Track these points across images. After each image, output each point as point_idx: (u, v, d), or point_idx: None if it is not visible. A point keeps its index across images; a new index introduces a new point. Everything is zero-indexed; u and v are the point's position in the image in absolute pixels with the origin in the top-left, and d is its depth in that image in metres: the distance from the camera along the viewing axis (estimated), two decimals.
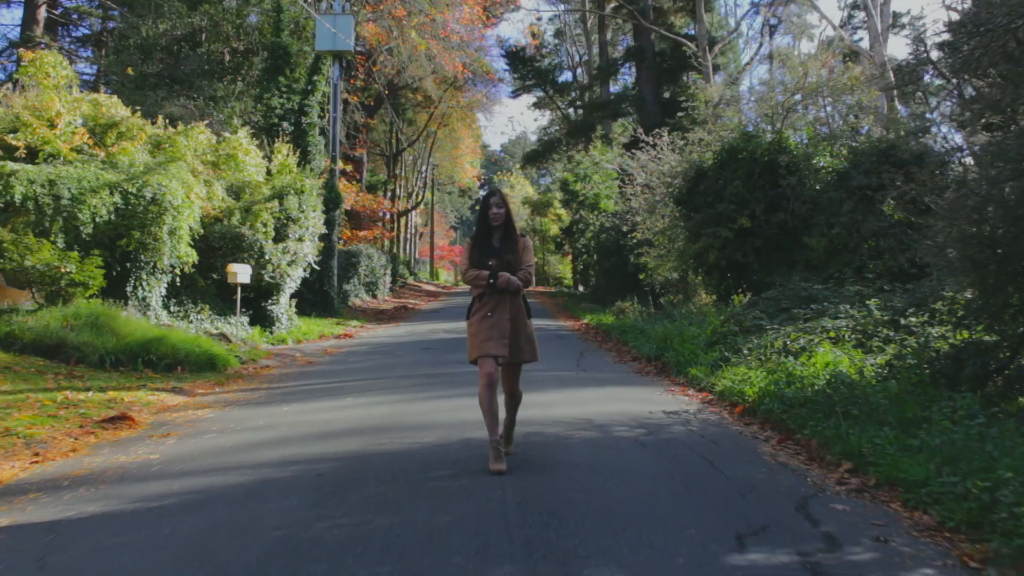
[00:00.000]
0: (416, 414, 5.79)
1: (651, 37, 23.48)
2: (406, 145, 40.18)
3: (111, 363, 7.77)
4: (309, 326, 14.18)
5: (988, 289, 5.72)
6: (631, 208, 16.65)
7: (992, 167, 5.40)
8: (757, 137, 12.58)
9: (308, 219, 13.87)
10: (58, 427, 5.25)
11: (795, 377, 5.95)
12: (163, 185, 10.26)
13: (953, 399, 4.90)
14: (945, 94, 9.14)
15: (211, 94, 20.46)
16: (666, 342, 9.19)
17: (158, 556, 2.90)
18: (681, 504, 3.56)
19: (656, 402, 6.40)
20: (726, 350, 7.67)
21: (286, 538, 3.06)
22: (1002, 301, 5.66)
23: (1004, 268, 5.46)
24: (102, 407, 5.94)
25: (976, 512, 3.24)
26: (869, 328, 6.78)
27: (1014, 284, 5.54)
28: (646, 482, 3.92)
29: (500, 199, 4.36)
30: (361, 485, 3.81)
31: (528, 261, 4.31)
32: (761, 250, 12.21)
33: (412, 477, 3.96)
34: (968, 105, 6.78)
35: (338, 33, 17.57)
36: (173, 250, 10.51)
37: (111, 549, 2.99)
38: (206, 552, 2.91)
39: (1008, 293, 5.61)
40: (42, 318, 8.25)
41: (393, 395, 6.77)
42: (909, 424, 4.50)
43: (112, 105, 12.14)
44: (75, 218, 9.39)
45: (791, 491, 3.83)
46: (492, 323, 4.14)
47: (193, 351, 8.25)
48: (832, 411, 4.90)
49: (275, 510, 3.42)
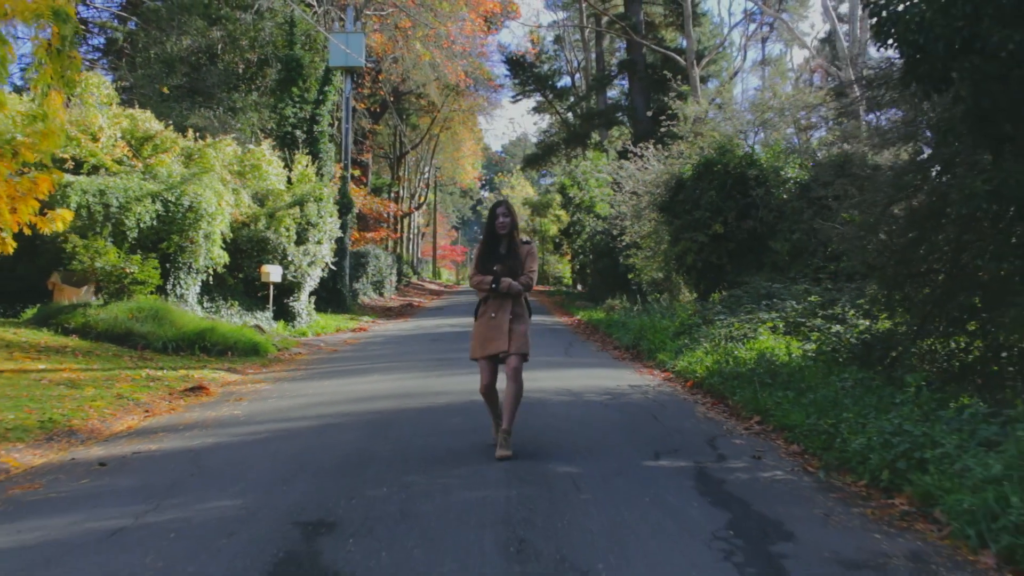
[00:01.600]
0: (431, 386, 7.28)
1: (642, 51, 24.94)
2: (409, 148, 41.71)
3: (172, 349, 9.26)
4: (326, 321, 15.66)
5: (887, 287, 7.19)
6: (621, 213, 18.11)
7: (885, 191, 6.88)
8: (730, 152, 14.01)
9: (325, 224, 15.35)
10: (152, 394, 6.73)
11: (734, 358, 7.43)
12: (198, 194, 11.71)
13: (850, 373, 6.36)
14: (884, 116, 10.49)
15: (230, 105, 21.92)
16: (642, 333, 10.67)
17: (273, 461, 4.38)
18: (624, 439, 5.05)
19: (625, 379, 7.88)
20: (688, 339, 9.16)
21: (353, 452, 4.55)
22: (897, 297, 7.13)
23: (898, 271, 6.91)
24: (179, 381, 7.43)
25: (824, 440, 4.71)
26: (798, 319, 8.25)
27: (908, 284, 7.00)
28: (602, 427, 5.40)
29: (506, 209, 4.73)
30: (398, 426, 5.31)
31: (531, 267, 4.65)
32: (733, 253, 13.64)
33: (433, 421, 5.45)
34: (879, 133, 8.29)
35: (350, 52, 19.02)
36: (207, 252, 11.96)
37: (239, 459, 4.49)
38: (304, 459, 4.40)
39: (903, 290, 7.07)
40: (110, 311, 9.72)
41: (411, 373, 8.26)
42: (805, 390, 5.97)
43: (146, 119, 13.59)
44: (122, 224, 10.84)
45: (707, 433, 5.31)
46: (494, 325, 4.53)
47: (240, 339, 9.73)
48: (753, 381, 6.38)
49: (341, 439, 4.92)
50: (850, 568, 2.88)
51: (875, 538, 3.23)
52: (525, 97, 42.94)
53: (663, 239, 15.44)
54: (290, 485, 3.86)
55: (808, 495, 3.88)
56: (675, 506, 3.56)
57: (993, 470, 3.40)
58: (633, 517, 3.37)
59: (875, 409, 4.82)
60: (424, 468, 4.21)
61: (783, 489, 3.98)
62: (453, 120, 40.70)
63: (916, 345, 6.89)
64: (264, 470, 4.20)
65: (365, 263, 24.25)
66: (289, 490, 3.77)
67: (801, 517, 3.48)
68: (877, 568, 2.89)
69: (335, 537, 3.06)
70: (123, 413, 5.98)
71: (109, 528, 3.25)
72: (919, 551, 3.09)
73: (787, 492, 3.92)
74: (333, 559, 2.81)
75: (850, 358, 7.22)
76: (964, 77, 4.55)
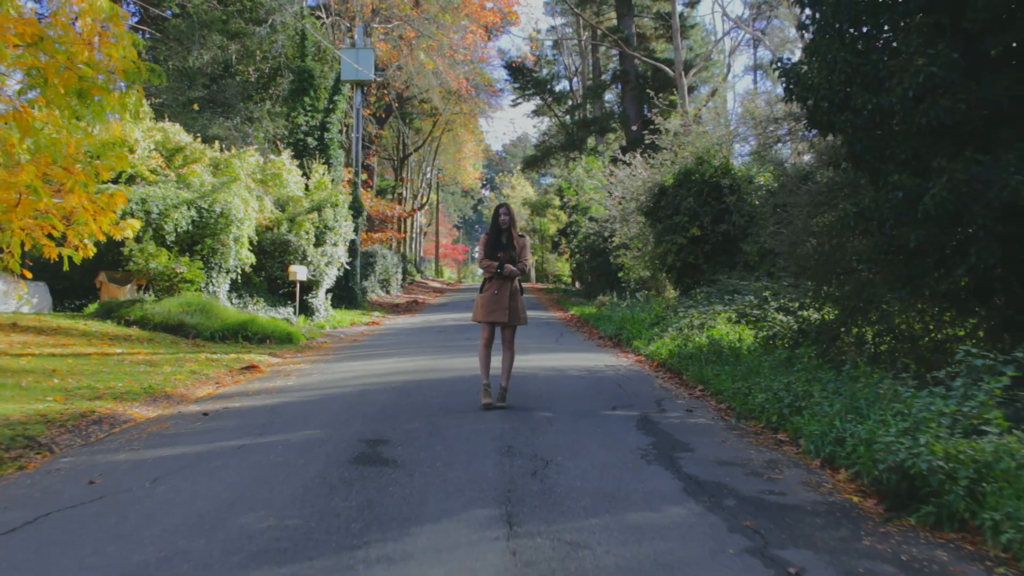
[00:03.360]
0: (442, 364, 8.86)
1: (634, 62, 26.48)
2: (412, 150, 43.32)
3: (219, 337, 10.84)
4: (341, 316, 17.24)
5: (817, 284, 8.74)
6: (611, 216, 19.68)
7: (806, 208, 8.45)
8: (707, 162, 15.57)
9: (341, 227, 16.94)
10: (217, 371, 8.31)
11: (691, 343, 9.00)
12: (228, 201, 13.26)
13: (781, 354, 7.91)
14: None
15: (247, 115, 23.49)
16: (623, 324, 12.25)
17: (330, 412, 5.96)
18: (592, 398, 6.62)
19: (603, 361, 9.45)
20: (659, 328, 10.73)
21: (388, 405, 6.13)
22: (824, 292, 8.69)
23: (823, 271, 8.46)
24: (234, 362, 9.00)
25: (741, 398, 6.28)
26: (751, 311, 9.82)
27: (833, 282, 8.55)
28: (576, 391, 6.99)
29: (507, 210, 6.27)
30: (418, 390, 6.89)
31: (526, 256, 6.13)
32: (709, 254, 15.20)
33: (445, 388, 7.03)
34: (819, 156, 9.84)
35: (360, 68, 20.58)
36: (236, 253, 13.51)
37: (304, 411, 6.07)
38: (353, 410, 5.98)
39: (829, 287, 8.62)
40: (164, 306, 11.29)
41: (424, 356, 9.83)
42: (739, 365, 7.54)
43: (176, 132, 15.13)
44: (162, 228, 12.39)
45: (658, 396, 6.88)
46: (497, 299, 6.03)
47: (276, 330, 11.31)
48: (701, 360, 7.95)
49: (377, 399, 6.50)
50: (722, 464, 4.45)
51: (749, 452, 4.81)
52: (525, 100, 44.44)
53: (648, 241, 17.00)
54: (349, 424, 5.45)
55: (717, 432, 5.45)
56: (618, 434, 5.14)
57: (833, 408, 4.98)
58: (587, 438, 4.95)
59: (778, 375, 6.40)
60: (442, 413, 5.79)
61: (700, 428, 5.55)
62: (455, 123, 42.23)
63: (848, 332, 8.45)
64: (326, 416, 5.79)
65: (373, 262, 25.85)
66: (349, 426, 5.36)
67: (704, 442, 5.05)
68: (742, 465, 4.46)
69: (388, 446, 4.65)
70: (200, 384, 7.57)
71: (234, 445, 4.83)
72: (775, 459, 4.67)
73: (702, 430, 5.50)
74: (390, 455, 4.40)
75: (790, 343, 8.78)
76: (843, 127, 6.12)
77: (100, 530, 3.24)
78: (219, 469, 4.25)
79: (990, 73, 5.52)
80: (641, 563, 2.81)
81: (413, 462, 4.27)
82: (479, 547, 2.93)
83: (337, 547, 2.93)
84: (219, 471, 4.21)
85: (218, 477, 4.08)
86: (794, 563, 2.88)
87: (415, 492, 3.67)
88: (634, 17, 27.63)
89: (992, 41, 5.49)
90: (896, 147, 5.87)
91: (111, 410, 6.03)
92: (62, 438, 5.17)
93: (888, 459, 3.76)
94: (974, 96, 5.42)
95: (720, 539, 3.11)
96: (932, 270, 6.04)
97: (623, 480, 3.98)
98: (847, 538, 3.22)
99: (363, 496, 3.60)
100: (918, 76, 5.45)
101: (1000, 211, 5.27)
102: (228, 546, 2.96)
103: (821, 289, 8.69)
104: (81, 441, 5.16)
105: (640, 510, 3.46)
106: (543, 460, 4.31)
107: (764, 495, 3.83)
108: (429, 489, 3.73)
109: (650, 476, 4.09)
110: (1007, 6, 5.38)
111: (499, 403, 6.01)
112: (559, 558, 2.81)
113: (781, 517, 3.46)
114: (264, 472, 4.14)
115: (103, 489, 3.88)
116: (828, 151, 8.62)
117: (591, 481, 3.93)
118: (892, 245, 6.12)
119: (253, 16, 24.62)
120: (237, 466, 4.30)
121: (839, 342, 8.30)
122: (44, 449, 4.89)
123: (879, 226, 5.96)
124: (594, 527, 3.18)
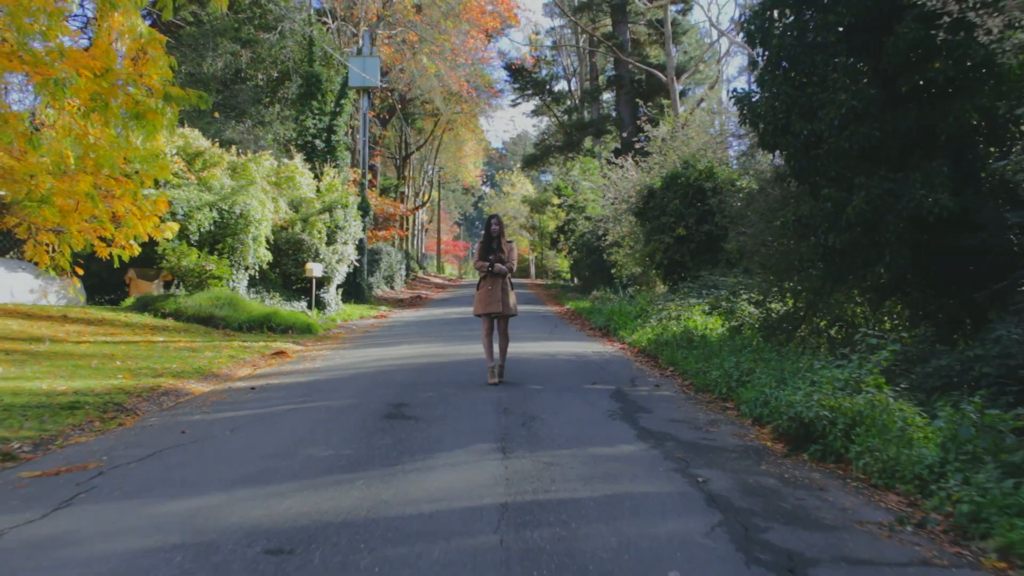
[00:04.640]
0: (448, 351, 10.06)
1: (628, 67, 27.63)
2: (414, 149, 44.51)
3: (246, 328, 12.04)
4: (351, 310, 18.44)
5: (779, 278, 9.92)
6: (604, 216, 20.87)
7: (765, 213, 9.63)
8: (692, 166, 16.76)
9: (351, 227, 18.13)
10: (252, 356, 9.51)
11: (667, 332, 10.20)
12: (247, 203, 14.42)
13: (746, 339, 9.11)
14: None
15: (259, 119, 24.66)
16: (611, 316, 13.45)
17: (359, 385, 7.17)
18: (576, 376, 7.82)
19: (591, 348, 10.65)
20: (643, 319, 11.93)
21: (406, 381, 7.34)
22: (785, 287, 9.87)
23: (782, 268, 9.64)
24: (264, 348, 10.21)
25: (701, 376, 7.47)
26: (722, 303, 11.02)
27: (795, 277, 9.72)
28: (564, 371, 8.19)
29: (497, 220, 7.60)
30: (430, 371, 8.10)
31: (512, 258, 7.51)
32: (694, 252, 16.38)
33: (452, 369, 8.23)
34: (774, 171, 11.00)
35: (367, 76, 21.74)
36: (254, 252, 14.69)
37: (336, 385, 7.27)
38: (377, 384, 7.18)
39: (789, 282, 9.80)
40: (195, 300, 12.49)
41: (432, 344, 11.04)
42: (705, 349, 8.74)
43: (196, 137, 16.27)
44: (186, 228, 13.56)
45: (633, 375, 8.08)
46: (490, 293, 7.41)
47: (297, 321, 12.52)
48: (673, 346, 9.15)
49: (395, 377, 7.71)
50: (673, 422, 5.65)
51: (697, 415, 6.01)
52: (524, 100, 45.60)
53: (639, 239, 18.20)
54: (374, 393, 6.65)
55: (676, 401, 6.66)
56: (594, 401, 6.34)
57: (765, 380, 6.18)
58: (568, 403, 6.16)
59: (733, 355, 7.60)
60: (451, 387, 7.00)
61: (663, 399, 6.76)
62: (456, 122, 43.36)
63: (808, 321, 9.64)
64: (355, 388, 7.00)
65: (379, 259, 27.05)
66: (375, 395, 6.56)
67: (663, 407, 6.26)
68: (688, 422, 5.67)
69: (409, 407, 5.86)
70: (239, 366, 8.77)
71: (284, 409, 6.04)
72: (716, 419, 5.87)
73: (664, 399, 6.70)
74: (411, 414, 5.62)
75: (756, 331, 9.97)
76: (785, 148, 7.31)
77: (207, 457, 4.45)
78: (280, 423, 5.46)
79: (901, 106, 6.70)
80: (595, 474, 4.01)
81: (430, 418, 5.48)
82: (481, 464, 4.14)
83: (382, 464, 4.14)
84: (280, 425, 5.42)
85: (281, 428, 5.29)
86: (704, 476, 4.08)
87: (433, 435, 4.89)
88: (628, 23, 28.79)
89: (903, 80, 6.67)
90: (827, 166, 7.07)
91: (173, 385, 7.24)
92: (141, 405, 6.38)
93: (790, 411, 4.96)
94: (889, 125, 6.62)
95: (655, 463, 4.32)
96: (859, 269, 7.24)
97: (591, 430, 5.19)
98: (750, 465, 4.43)
99: (395, 438, 4.82)
100: (842, 108, 6.65)
101: (909, 221, 6.47)
102: (305, 464, 4.17)
103: (782, 284, 9.90)
104: (157, 408, 6.37)
105: (601, 446, 4.67)
106: (531, 416, 5.52)
107: (698, 440, 5.03)
108: (444, 433, 4.94)
109: (613, 428, 5.30)
110: (915, 50, 6.57)
111: (498, 379, 7.22)
112: (537, 470, 4.03)
113: (706, 453, 4.66)
114: (316, 424, 5.35)
115: (194, 436, 5.08)
116: (780, 167, 9.82)
117: (567, 430, 5.14)
118: (827, 248, 7.32)
119: (263, 23, 25.77)
120: (293, 421, 5.51)
121: (799, 331, 9.51)
122: (131, 413, 6.10)
123: (815, 231, 7.16)
124: (565, 455, 4.39)
